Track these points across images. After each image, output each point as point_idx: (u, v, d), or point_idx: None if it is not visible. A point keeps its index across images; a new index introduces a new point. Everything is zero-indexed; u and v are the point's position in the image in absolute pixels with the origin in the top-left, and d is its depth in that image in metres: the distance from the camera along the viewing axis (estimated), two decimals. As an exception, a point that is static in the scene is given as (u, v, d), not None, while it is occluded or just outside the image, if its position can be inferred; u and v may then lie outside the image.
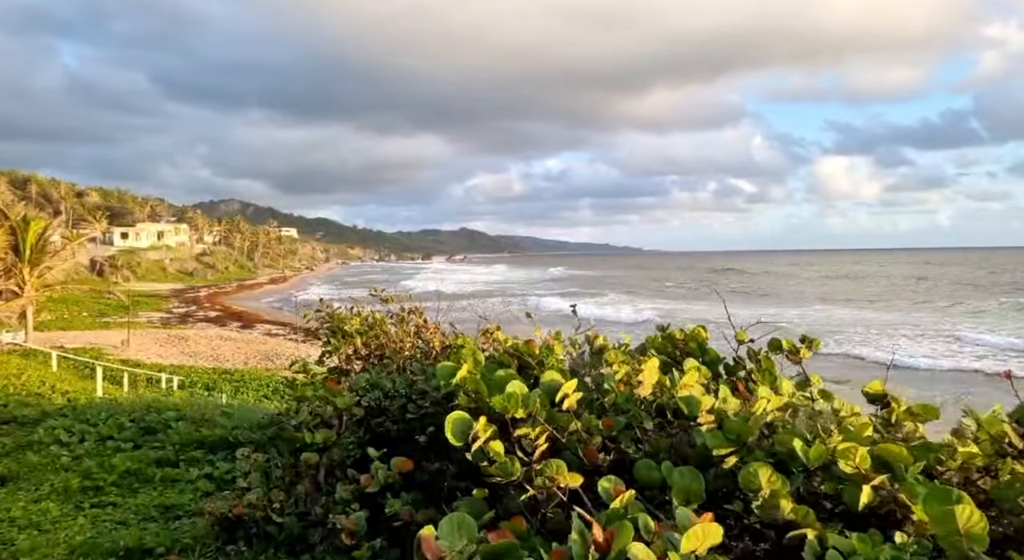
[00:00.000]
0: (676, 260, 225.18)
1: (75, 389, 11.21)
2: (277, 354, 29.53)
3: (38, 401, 8.60)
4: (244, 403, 12.41)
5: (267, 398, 17.14)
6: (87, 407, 6.91)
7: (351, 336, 4.48)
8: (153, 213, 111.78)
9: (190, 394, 17.43)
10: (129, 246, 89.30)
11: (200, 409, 6.76)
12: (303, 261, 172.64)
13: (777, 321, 34.33)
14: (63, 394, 9.80)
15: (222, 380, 20.34)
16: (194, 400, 8.57)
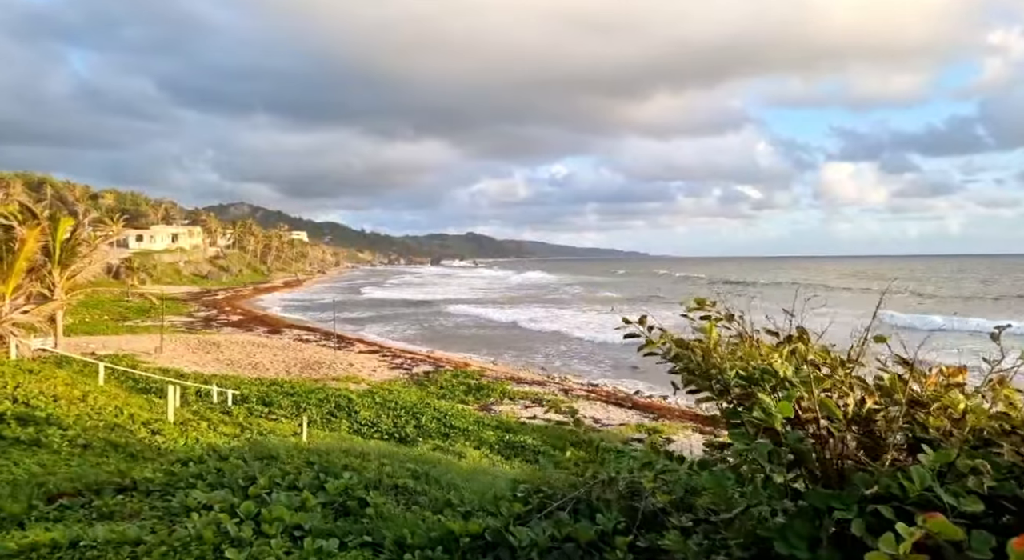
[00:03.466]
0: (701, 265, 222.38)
1: (145, 414, 9.41)
2: (319, 362, 27.76)
3: (130, 441, 6.81)
4: (371, 444, 10.55)
5: (361, 427, 15.26)
6: (221, 461, 5.05)
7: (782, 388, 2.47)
8: (167, 216, 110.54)
9: (248, 411, 15.66)
10: (144, 248, 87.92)
11: (377, 466, 4.89)
12: (314, 264, 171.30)
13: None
14: (145, 425, 8.00)
15: (275, 393, 18.55)
16: (345, 445, 6.73)
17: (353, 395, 18.80)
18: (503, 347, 35.66)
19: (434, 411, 16.91)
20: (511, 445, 13.39)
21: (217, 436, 9.67)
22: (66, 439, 6.20)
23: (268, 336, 38.10)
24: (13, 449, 5.69)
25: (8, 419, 6.29)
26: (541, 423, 17.66)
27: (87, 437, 6.43)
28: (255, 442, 6.20)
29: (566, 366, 30.16)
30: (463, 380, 24.00)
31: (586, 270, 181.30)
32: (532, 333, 41.75)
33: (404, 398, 19.11)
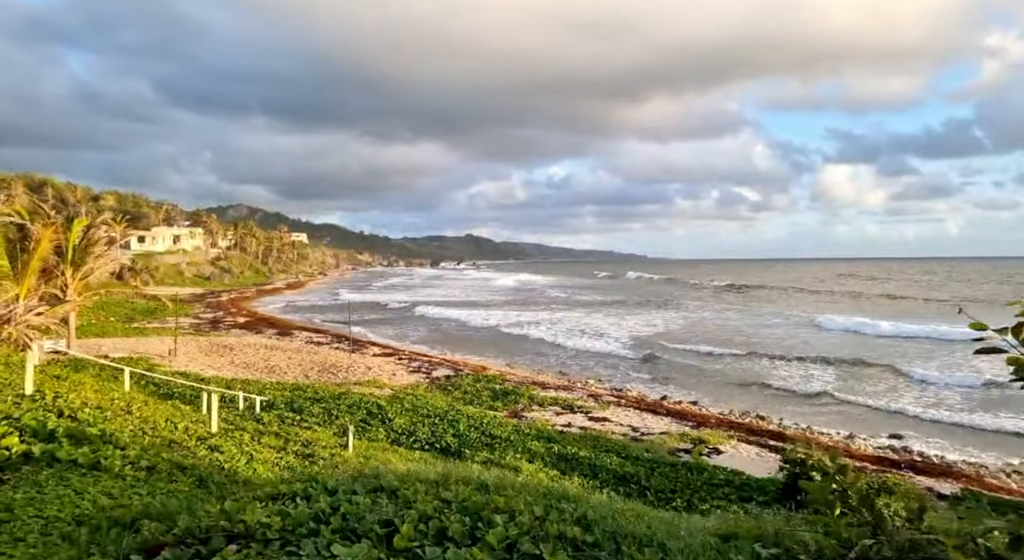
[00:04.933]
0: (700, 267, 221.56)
1: (192, 426, 8.69)
2: (336, 366, 27.03)
3: (193, 462, 6.10)
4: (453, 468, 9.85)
5: (399, 436, 14.51)
6: (330, 496, 4.33)
7: None
8: (168, 217, 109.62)
9: (280, 419, 14.95)
10: (146, 250, 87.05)
11: (525, 506, 4.15)
12: (314, 266, 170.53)
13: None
14: (201, 441, 7.27)
15: (301, 398, 17.83)
16: (440, 467, 6.04)
17: (381, 401, 18.09)
18: (506, 351, 35.12)
19: (468, 419, 16.20)
20: (563, 457, 12.66)
21: (262, 449, 8.97)
22: (128, 461, 5.49)
23: (279, 338, 37.35)
24: (72, 474, 4.99)
25: (59, 437, 5.58)
26: (578, 431, 16.97)
27: (149, 458, 5.71)
28: (358, 469, 5.48)
29: (585, 370, 29.48)
30: (486, 385, 23.29)
31: (577, 272, 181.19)
32: (520, 337, 41.18)
33: (433, 404, 18.41)
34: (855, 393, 23.53)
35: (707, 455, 14.95)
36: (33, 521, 4.12)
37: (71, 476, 4.99)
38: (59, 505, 4.38)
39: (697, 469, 12.72)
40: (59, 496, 4.53)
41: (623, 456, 13.24)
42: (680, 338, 38.65)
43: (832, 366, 29.02)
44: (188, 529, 3.63)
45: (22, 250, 20.56)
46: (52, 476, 4.90)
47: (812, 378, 26.70)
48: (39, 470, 4.99)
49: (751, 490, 10.86)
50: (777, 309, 58.27)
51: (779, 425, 19.47)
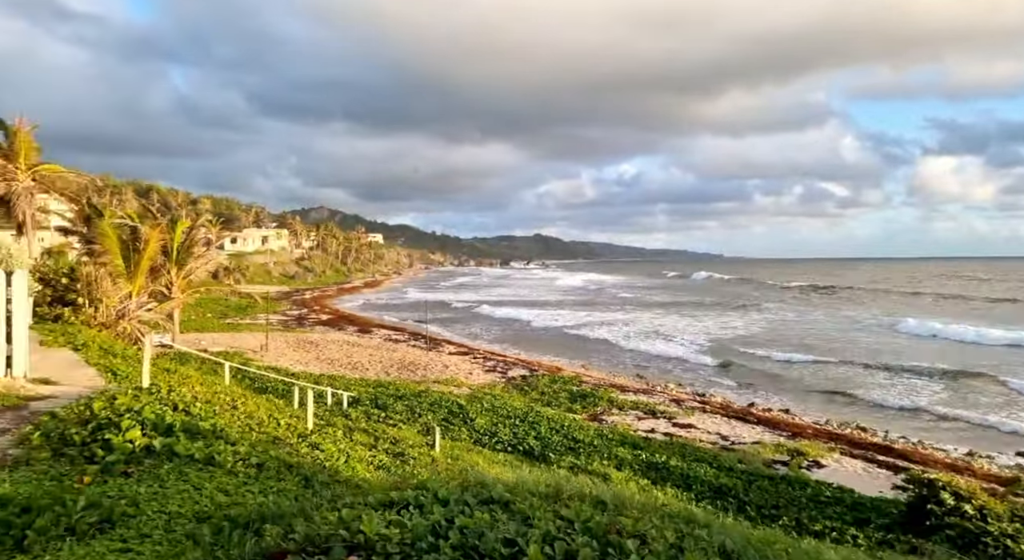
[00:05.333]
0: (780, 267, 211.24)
1: (292, 421, 8.90)
2: (414, 364, 27.51)
3: (299, 460, 6.14)
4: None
5: (481, 436, 14.50)
6: (442, 506, 4.15)
7: None
8: (257, 219, 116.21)
9: (366, 415, 15.24)
10: (238, 250, 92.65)
11: (661, 537, 3.80)
12: (389, 265, 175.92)
13: None
14: (302, 438, 7.39)
15: (384, 395, 18.17)
16: (538, 475, 5.82)
17: (461, 400, 18.14)
18: (572, 352, 34.59)
19: (548, 421, 15.93)
20: (652, 466, 12.14)
21: (355, 446, 9.05)
22: (239, 457, 5.59)
23: (359, 335, 38.54)
24: (189, 469, 5.11)
25: (177, 431, 5.77)
26: (663, 438, 16.33)
27: (258, 455, 5.80)
28: (465, 477, 5.34)
29: (661, 374, 28.52)
30: (563, 386, 22.95)
31: (646, 272, 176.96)
32: (585, 338, 40.42)
33: (511, 405, 18.27)
34: (961, 407, 21.39)
35: (807, 468, 13.95)
36: (157, 517, 4.21)
37: (189, 471, 5.11)
38: (180, 501, 4.48)
39: (799, 484, 11.85)
40: (179, 491, 4.63)
41: (716, 466, 12.55)
42: (757, 342, 36.78)
43: (931, 376, 26.60)
44: (308, 536, 3.55)
45: (134, 250, 22.20)
46: (172, 470, 5.04)
47: (909, 389, 24.56)
48: (160, 464, 5.15)
49: (866, 511, 9.94)
50: (866, 312, 54.44)
51: (884, 438, 17.98)
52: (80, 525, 3.80)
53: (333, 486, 5.86)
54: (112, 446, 5.15)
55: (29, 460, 4.93)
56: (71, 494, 4.07)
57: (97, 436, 5.30)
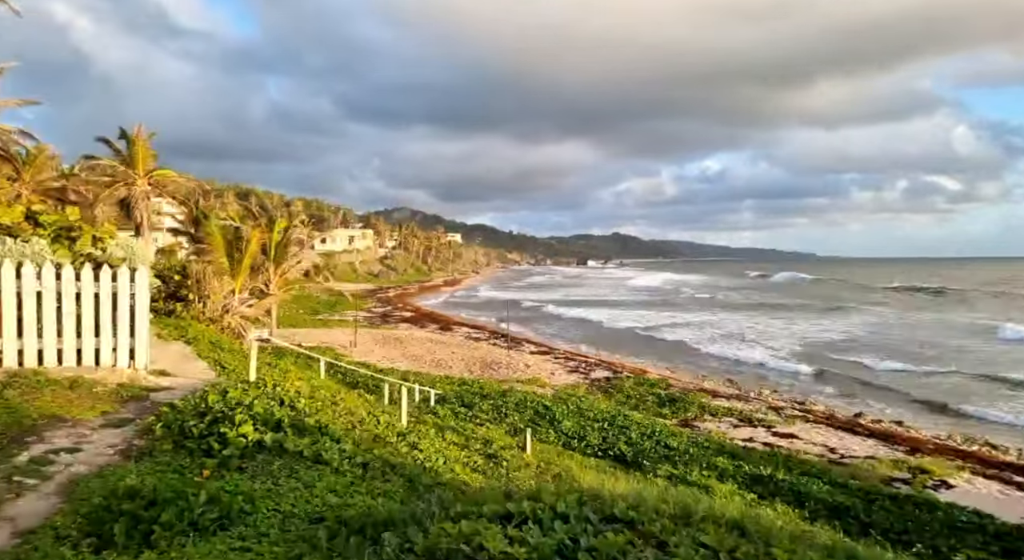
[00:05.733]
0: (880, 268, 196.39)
1: (388, 421, 8.93)
2: (496, 362, 27.53)
3: (402, 460, 6.02)
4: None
5: (570, 440, 14.18)
6: (563, 523, 3.81)
7: None
8: (344, 220, 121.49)
9: (453, 413, 15.26)
10: (327, 250, 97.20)
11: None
12: (467, 264, 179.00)
13: None
14: (401, 437, 7.35)
15: (469, 394, 18.20)
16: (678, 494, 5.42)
17: (546, 400, 17.85)
18: (643, 353, 33.38)
19: (638, 425, 15.31)
20: (757, 479, 11.33)
21: (448, 446, 8.95)
22: (344, 455, 5.55)
23: (441, 333, 39.19)
24: (299, 466, 5.09)
25: (285, 427, 5.80)
26: (763, 448, 15.29)
27: (362, 454, 5.75)
28: (592, 494, 5.03)
29: (757, 379, 26.95)
30: (649, 389, 22.15)
31: (728, 272, 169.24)
32: (658, 340, 38.87)
33: (598, 407, 17.78)
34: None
35: (933, 489, 12.58)
36: (272, 516, 4.17)
37: (299, 468, 5.09)
38: (293, 500, 4.44)
39: (926, 506, 10.65)
40: (291, 489, 4.61)
41: (828, 482, 11.53)
42: (852, 347, 34.08)
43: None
44: (428, 549, 3.34)
45: (237, 249, 23.57)
46: (283, 467, 5.03)
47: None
48: (271, 460, 5.16)
49: (1013, 540, 8.73)
50: (980, 316, 49.21)
51: (1020, 457, 16.00)
52: (202, 521, 3.80)
53: (436, 489, 5.70)
54: (227, 440, 5.24)
55: (152, 451, 5.08)
56: (192, 488, 4.09)
57: (213, 429, 5.41)
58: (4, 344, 7.11)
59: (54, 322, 7.44)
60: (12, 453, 4.71)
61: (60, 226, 8.89)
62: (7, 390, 6.08)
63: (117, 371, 7.90)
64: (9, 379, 6.53)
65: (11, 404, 5.74)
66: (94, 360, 7.75)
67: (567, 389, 21.67)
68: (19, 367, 7.12)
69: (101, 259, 8.49)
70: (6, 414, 5.49)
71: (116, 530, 3.52)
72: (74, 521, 3.64)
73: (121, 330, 7.94)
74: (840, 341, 37.41)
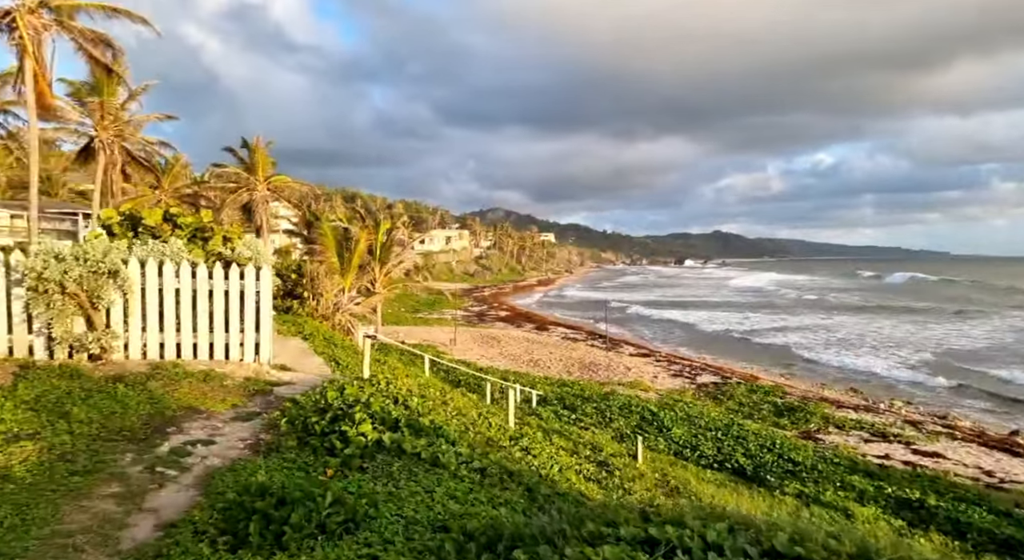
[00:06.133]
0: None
1: (499, 424, 8.74)
2: (595, 364, 26.91)
3: (518, 466, 5.74)
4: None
5: (681, 449, 13.46)
6: (705, 552, 3.30)
7: None
8: (442, 221, 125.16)
9: (555, 416, 14.91)
10: (425, 250, 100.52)
11: None
12: (561, 264, 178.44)
13: None
14: (513, 441, 7.10)
15: (569, 395, 17.78)
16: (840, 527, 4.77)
17: (651, 405, 17.06)
18: (743, 358, 31.10)
19: (755, 436, 14.19)
20: (904, 503, 10.04)
21: (556, 450, 8.59)
22: (461, 459, 5.36)
23: (537, 333, 39.05)
24: (418, 469, 4.95)
25: (402, 427, 5.71)
26: (902, 467, 13.66)
27: (478, 458, 5.53)
28: (742, 521, 4.53)
29: (885, 389, 24.41)
30: (764, 397, 20.64)
31: (839, 271, 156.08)
32: (757, 345, 36.05)
33: (708, 414, 16.74)
34: None
35: None
36: (396, 521, 4.02)
37: (418, 471, 4.94)
38: (415, 505, 4.28)
39: None
40: (412, 493, 4.45)
41: (991, 511, 9.99)
42: (988, 357, 30.02)
43: None
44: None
45: (346, 249, 24.71)
46: (402, 469, 4.90)
47: None
48: (391, 461, 5.05)
49: None
50: None
51: None
52: (329, 523, 3.71)
53: (556, 500, 5.36)
54: (348, 439, 5.21)
55: (279, 447, 5.13)
56: (318, 488, 4.02)
57: (335, 427, 5.41)
58: (148, 337, 7.62)
59: (190, 317, 7.90)
60: (155, 443, 4.92)
61: (195, 227, 9.49)
62: (151, 381, 6.45)
63: (244, 365, 8.28)
64: (152, 370, 6.96)
65: (154, 395, 6.07)
66: (224, 354, 8.16)
67: (672, 394, 20.69)
68: (160, 359, 7.61)
69: (230, 258, 8.94)
70: (150, 404, 5.81)
71: (251, 529, 3.49)
72: (211, 517, 3.66)
73: (248, 326, 8.31)
74: (980, 349, 33.26)
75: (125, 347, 7.47)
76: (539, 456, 6.64)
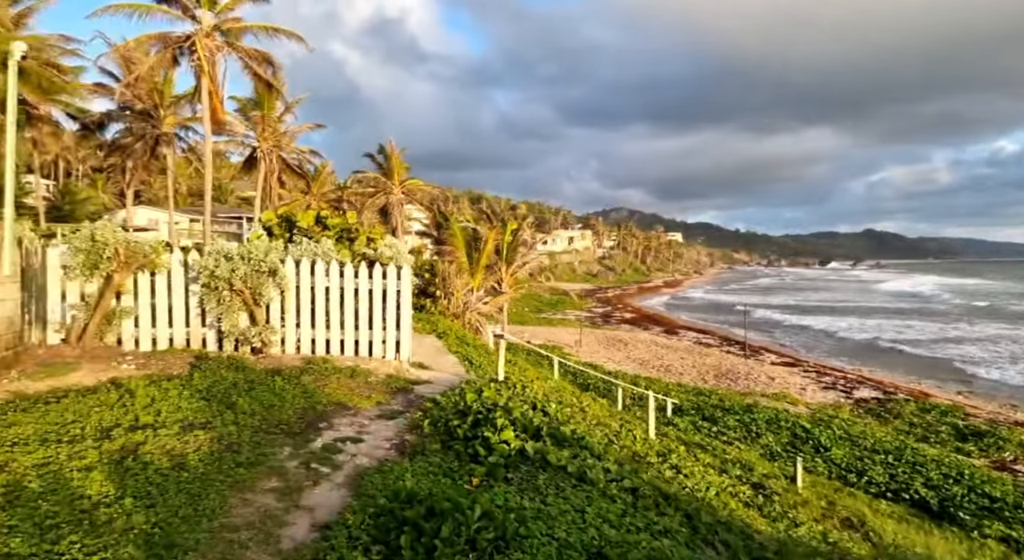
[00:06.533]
0: None
1: (644, 436, 8.19)
2: (733, 372, 25.12)
3: (670, 488, 5.18)
4: None
5: (844, 473, 12.03)
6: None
7: None
8: (564, 221, 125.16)
9: (693, 427, 13.94)
10: (548, 250, 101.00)
11: None
12: (689, 265, 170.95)
13: None
14: (661, 457, 6.53)
15: (707, 405, 16.61)
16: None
17: (803, 421, 15.42)
18: (903, 371, 27.11)
19: (936, 463, 12.22)
20: None
21: (706, 470, 7.83)
22: (610, 476, 4.93)
23: (666, 336, 37.43)
24: (565, 484, 4.59)
25: (544, 435, 5.39)
26: None
27: (628, 475, 5.06)
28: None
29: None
30: (940, 418, 17.93)
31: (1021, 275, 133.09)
32: (914, 357, 31.17)
33: (871, 434, 14.79)
34: None
35: None
36: (547, 543, 3.68)
37: (565, 486, 4.58)
38: (566, 526, 3.93)
39: None
40: (562, 512, 4.11)
41: None
42: None
43: None
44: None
45: (475, 249, 25.23)
46: (548, 483, 4.57)
47: None
48: (535, 473, 4.74)
49: None
50: None
51: None
52: (479, 540, 3.47)
53: (718, 529, 4.74)
54: (491, 445, 5.00)
55: (424, 450, 5.03)
56: (465, 498, 3.80)
57: (477, 432, 5.22)
58: (301, 333, 8.03)
59: (338, 315, 8.23)
60: (309, 438, 5.03)
61: (342, 228, 9.94)
62: (304, 375, 6.72)
63: (385, 362, 8.47)
64: (305, 365, 7.29)
65: (307, 389, 6.29)
66: (367, 351, 8.41)
67: (826, 409, 18.65)
68: (312, 354, 7.99)
69: (373, 258, 9.23)
70: (303, 398, 6.02)
71: (403, 542, 3.33)
72: (363, 521, 3.58)
73: (389, 324, 8.51)
74: None
75: (282, 342, 7.92)
76: (692, 476, 6.00)
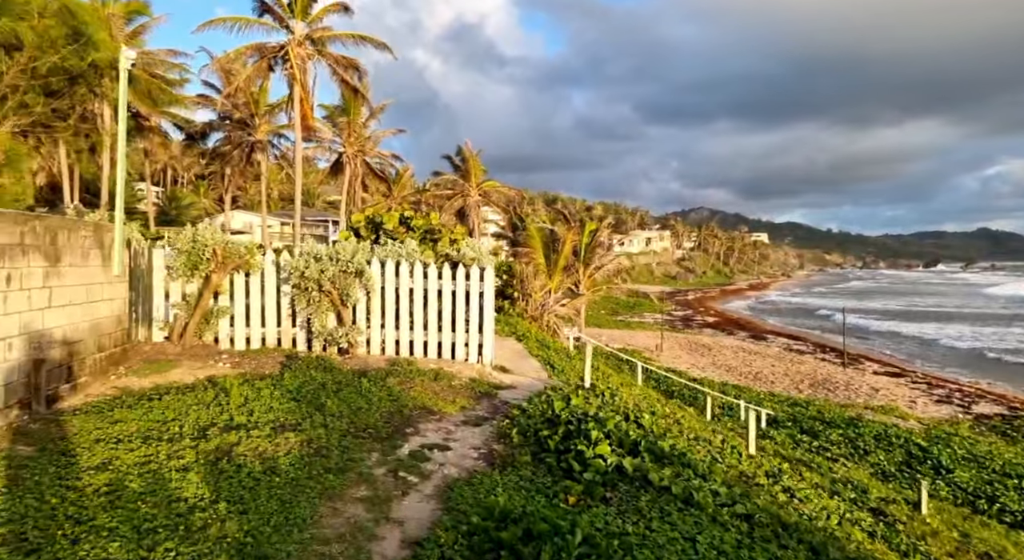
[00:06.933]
0: None
1: (748, 453, 7.55)
2: (830, 381, 23.38)
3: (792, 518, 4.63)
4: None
5: (973, 499, 10.83)
6: None
7: None
8: (642, 222, 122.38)
9: (792, 440, 12.93)
10: (625, 252, 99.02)
11: None
12: (775, 267, 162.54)
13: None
14: (771, 478, 5.91)
15: (804, 417, 15.41)
16: None
17: (917, 438, 13.97)
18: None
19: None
20: None
21: (817, 492, 7.07)
22: (719, 500, 4.44)
23: (753, 342, 35.52)
24: (670, 507, 4.16)
25: (642, 451, 4.96)
26: None
27: (739, 499, 4.55)
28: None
29: None
30: (1081, 440, 15.76)
31: None
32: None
33: (999, 454, 13.16)
34: None
35: None
36: (657, 576, 3.31)
37: (670, 509, 4.15)
38: (675, 555, 3.53)
39: None
40: (670, 539, 3.70)
41: None
42: None
43: None
44: None
45: (552, 250, 24.90)
46: (651, 505, 4.16)
47: None
48: (636, 493, 4.34)
49: None
50: None
51: None
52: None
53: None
54: (585, 460, 4.65)
55: (514, 462, 4.74)
56: (564, 521, 3.48)
57: (569, 445, 4.89)
58: (386, 334, 7.99)
59: (421, 316, 8.13)
60: (396, 444, 4.87)
61: (425, 229, 9.91)
62: (389, 377, 6.63)
63: (468, 365, 8.29)
64: (390, 367, 7.21)
65: (393, 392, 6.18)
66: (450, 353, 8.26)
67: (941, 425, 16.88)
68: (396, 355, 7.93)
69: (456, 259, 9.09)
70: (389, 401, 5.90)
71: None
72: (455, 541, 3.34)
73: (472, 326, 8.32)
74: None
75: (367, 343, 7.92)
76: (808, 501, 5.38)
